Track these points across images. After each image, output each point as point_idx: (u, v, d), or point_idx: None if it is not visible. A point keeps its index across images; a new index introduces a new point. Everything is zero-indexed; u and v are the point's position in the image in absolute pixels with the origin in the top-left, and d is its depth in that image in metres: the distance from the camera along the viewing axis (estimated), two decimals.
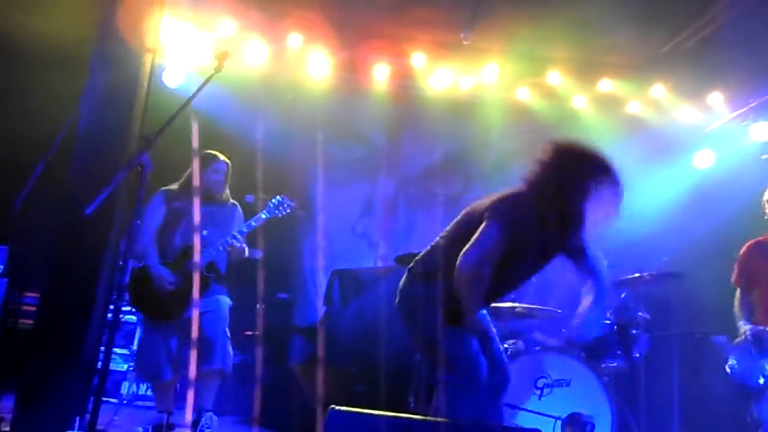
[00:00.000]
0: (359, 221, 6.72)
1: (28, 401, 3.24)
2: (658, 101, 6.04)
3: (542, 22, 5.18)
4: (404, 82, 6.07)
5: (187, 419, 3.99)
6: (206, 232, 4.11)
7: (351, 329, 5.39)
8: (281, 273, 6.04)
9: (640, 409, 4.34)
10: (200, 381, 4.03)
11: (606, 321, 4.22)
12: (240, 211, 4.42)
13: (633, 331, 4.41)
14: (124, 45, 3.59)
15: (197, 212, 3.97)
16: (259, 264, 4.83)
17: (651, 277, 4.41)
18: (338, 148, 6.76)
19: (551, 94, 6.05)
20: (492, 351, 2.93)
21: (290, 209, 4.41)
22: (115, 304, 2.93)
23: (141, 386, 5.53)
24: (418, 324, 2.90)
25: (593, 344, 4.18)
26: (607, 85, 6.00)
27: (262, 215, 4.29)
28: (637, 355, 4.33)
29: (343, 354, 5.21)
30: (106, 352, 2.62)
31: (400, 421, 2.47)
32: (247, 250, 4.30)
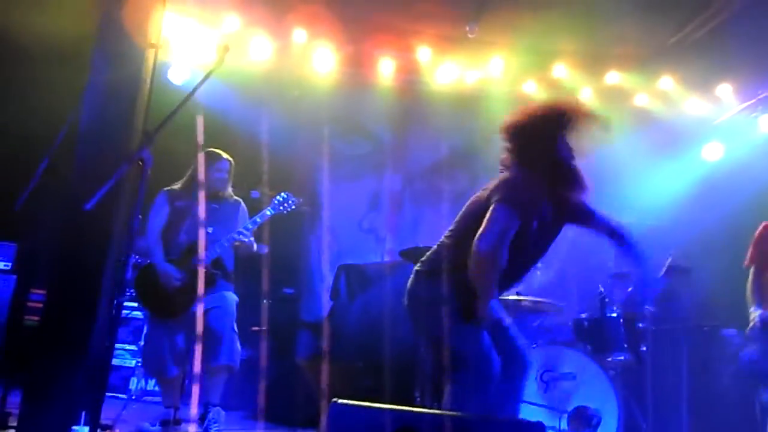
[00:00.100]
0: (366, 217, 6.70)
1: (35, 397, 3.27)
2: (666, 93, 6.00)
3: (548, 15, 5.16)
4: (410, 77, 6.06)
5: (192, 414, 4.01)
6: (211, 230, 4.12)
7: (357, 324, 5.39)
8: (288, 268, 6.04)
9: (648, 403, 4.31)
10: (208, 377, 4.04)
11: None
12: (244, 208, 4.41)
13: (639, 325, 4.38)
14: (127, 41, 3.59)
15: (202, 204, 3.97)
16: (265, 259, 4.83)
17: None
18: (344, 144, 6.75)
19: (558, 87, 5.99)
20: (507, 339, 2.89)
21: (295, 206, 4.40)
22: (119, 300, 2.93)
23: (149, 382, 5.57)
24: (426, 323, 2.89)
25: (600, 337, 4.17)
26: (615, 78, 5.97)
27: (267, 212, 4.29)
28: (644, 349, 4.30)
29: (350, 349, 5.21)
30: (109, 347, 2.62)
31: (402, 414, 2.46)
32: (255, 246, 4.31)
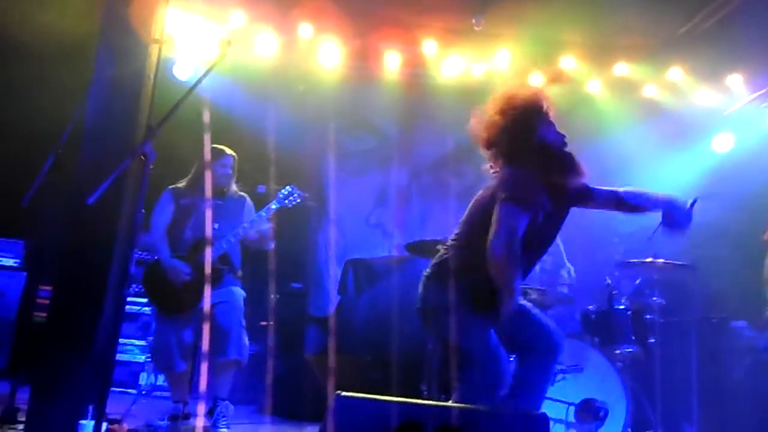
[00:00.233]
0: (373, 212, 6.70)
1: (42, 392, 3.29)
2: (676, 84, 5.93)
3: (554, 6, 5.10)
4: (416, 71, 6.02)
5: (199, 410, 4.02)
6: (217, 226, 4.14)
7: (365, 318, 5.40)
8: (295, 263, 6.06)
9: (657, 395, 4.28)
10: (216, 371, 4.06)
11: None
12: (249, 203, 4.42)
13: (647, 317, 4.35)
14: (131, 37, 3.59)
15: (208, 191, 3.98)
16: (273, 255, 4.84)
17: (665, 265, 4.35)
18: (350, 139, 6.75)
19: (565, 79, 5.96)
20: (534, 323, 2.88)
21: (300, 199, 4.41)
22: (125, 294, 2.94)
23: (159, 377, 5.59)
24: (438, 327, 2.90)
25: (607, 329, 4.14)
26: (623, 69, 5.91)
27: (272, 206, 4.31)
28: (652, 341, 4.27)
29: (358, 343, 5.22)
30: (114, 341, 2.64)
31: (406, 406, 2.47)
32: (270, 242, 4.33)
